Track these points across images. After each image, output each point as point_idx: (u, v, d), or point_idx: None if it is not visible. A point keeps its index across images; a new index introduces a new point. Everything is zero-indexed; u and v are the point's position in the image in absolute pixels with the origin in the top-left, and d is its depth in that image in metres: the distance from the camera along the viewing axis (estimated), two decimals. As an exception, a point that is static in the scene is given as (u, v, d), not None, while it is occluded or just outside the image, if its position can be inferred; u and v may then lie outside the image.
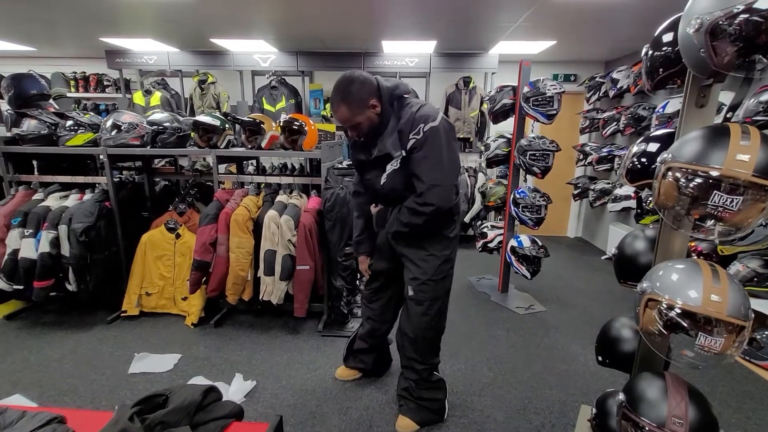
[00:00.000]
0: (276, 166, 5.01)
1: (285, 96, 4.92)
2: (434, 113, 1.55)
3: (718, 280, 1.10)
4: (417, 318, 1.76)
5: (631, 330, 1.72)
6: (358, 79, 1.53)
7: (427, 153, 1.51)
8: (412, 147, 1.53)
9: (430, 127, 1.50)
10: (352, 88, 1.52)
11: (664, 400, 1.25)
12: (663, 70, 1.43)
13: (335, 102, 1.56)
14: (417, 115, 1.54)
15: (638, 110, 3.79)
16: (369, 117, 1.56)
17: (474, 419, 1.94)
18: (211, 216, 2.61)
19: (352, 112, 1.54)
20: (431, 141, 1.50)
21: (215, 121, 2.81)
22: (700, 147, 1.07)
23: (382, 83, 1.58)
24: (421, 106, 1.57)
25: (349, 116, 1.55)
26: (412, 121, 1.53)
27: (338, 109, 1.55)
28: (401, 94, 1.61)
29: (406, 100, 1.62)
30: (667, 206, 1.15)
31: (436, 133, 1.51)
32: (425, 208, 1.56)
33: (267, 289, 2.62)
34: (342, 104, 1.54)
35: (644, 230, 1.63)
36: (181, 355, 2.42)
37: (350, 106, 1.53)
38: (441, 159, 1.53)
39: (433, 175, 1.53)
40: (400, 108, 1.59)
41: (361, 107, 1.53)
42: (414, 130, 1.52)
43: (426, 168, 1.53)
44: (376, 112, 1.56)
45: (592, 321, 3.03)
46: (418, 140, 1.51)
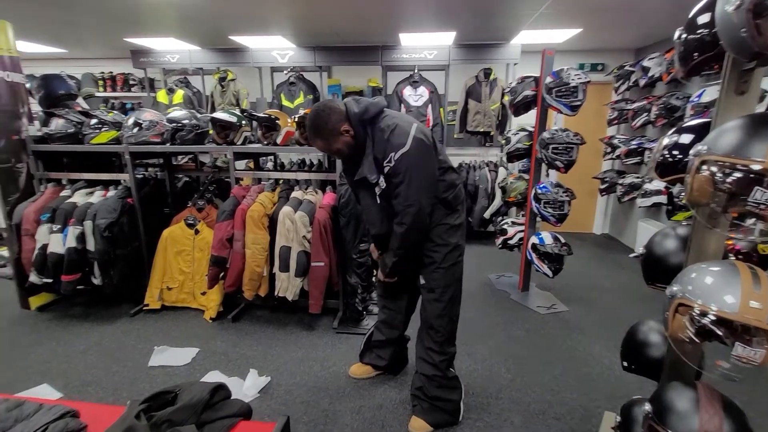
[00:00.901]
0: (294, 162, 5.04)
1: (303, 92, 4.92)
2: (403, 136, 1.57)
3: (758, 284, 1.00)
4: (430, 305, 1.80)
5: (659, 334, 1.63)
6: (325, 111, 1.61)
7: (402, 179, 1.58)
8: (387, 173, 1.61)
9: (401, 155, 1.56)
10: (320, 120, 1.61)
11: (696, 412, 1.15)
12: (698, 54, 1.32)
13: (310, 137, 1.67)
14: (388, 143, 1.59)
15: (671, 100, 3.57)
16: (345, 141, 1.64)
17: (490, 422, 1.88)
18: (228, 212, 2.64)
19: (326, 141, 1.64)
20: (403, 167, 1.57)
21: (232, 118, 2.82)
22: (740, 138, 0.97)
23: (351, 109, 1.63)
24: (392, 130, 1.59)
25: (326, 146, 1.66)
26: (384, 149, 1.59)
27: (315, 142, 1.67)
28: (371, 117, 1.64)
29: (377, 122, 1.64)
30: (700, 203, 1.05)
31: (407, 159, 1.56)
32: (402, 227, 1.66)
33: (282, 286, 2.62)
34: (316, 138, 1.64)
35: (676, 228, 1.52)
36: (199, 349, 2.46)
37: (323, 137, 1.63)
38: (412, 183, 1.58)
39: (406, 198, 1.60)
40: (372, 131, 1.65)
41: (334, 135, 1.62)
42: (386, 158, 1.58)
43: (401, 192, 1.61)
44: (350, 135, 1.63)
45: (617, 322, 2.89)
46: (391, 167, 1.59)
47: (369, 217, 1.84)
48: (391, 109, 1.71)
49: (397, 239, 1.71)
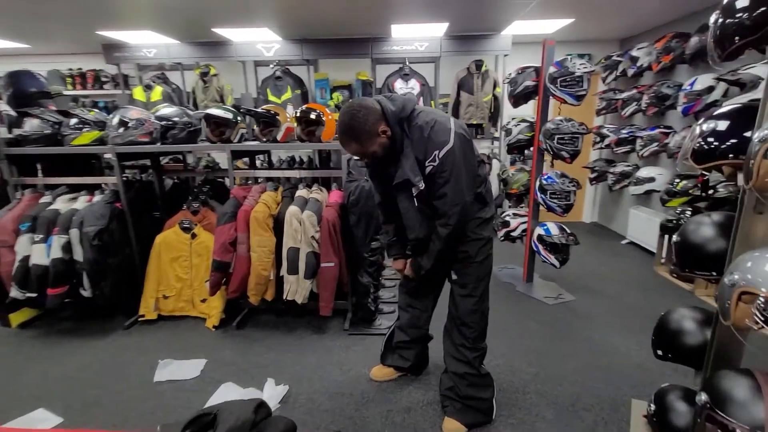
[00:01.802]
0: (284, 159, 4.88)
1: (290, 86, 4.76)
2: (446, 133, 1.50)
3: (829, 270, 0.99)
4: (462, 300, 1.75)
5: (694, 321, 1.62)
6: (361, 111, 1.49)
7: (448, 177, 1.51)
8: (430, 173, 1.52)
9: (445, 153, 1.48)
10: (356, 122, 1.49)
11: (759, 400, 1.14)
12: (740, 38, 1.30)
13: (344, 140, 1.54)
14: (430, 141, 1.50)
15: (662, 88, 3.64)
16: (381, 143, 1.53)
17: (522, 418, 1.85)
18: (229, 214, 2.49)
19: (363, 145, 1.52)
20: (448, 166, 1.50)
21: (228, 114, 2.67)
22: (813, 121, 0.95)
23: (387, 107, 1.52)
24: (432, 127, 1.51)
25: (362, 150, 1.53)
26: (426, 147, 1.51)
27: (349, 146, 1.53)
28: (408, 114, 1.55)
29: (413, 119, 1.55)
30: (765, 189, 1.03)
31: (451, 157, 1.49)
32: (448, 228, 1.59)
33: (291, 289, 2.51)
34: (351, 141, 1.52)
35: (710, 215, 1.51)
36: (206, 360, 2.32)
37: (360, 140, 1.51)
38: (459, 180, 1.52)
39: (453, 198, 1.54)
40: (409, 128, 1.55)
41: (372, 137, 1.51)
42: (429, 157, 1.50)
43: (447, 191, 1.53)
44: (387, 136, 1.53)
45: (624, 309, 2.94)
46: (435, 167, 1.50)
47: (408, 222, 1.68)
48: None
49: (441, 241, 1.62)
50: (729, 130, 1.36)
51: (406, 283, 1.96)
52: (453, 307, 1.81)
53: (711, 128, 1.40)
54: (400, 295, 2.05)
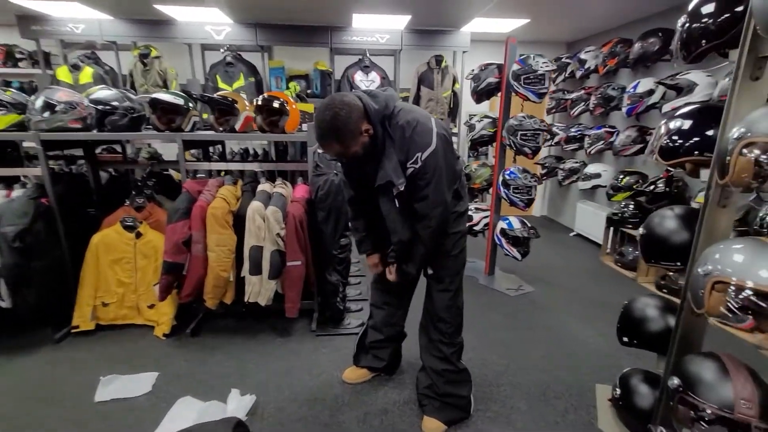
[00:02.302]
0: (236, 152, 4.58)
1: (243, 73, 4.46)
2: (428, 134, 1.44)
3: (793, 259, 1.07)
4: (438, 295, 1.73)
5: (656, 309, 1.72)
6: (344, 109, 1.38)
7: (428, 180, 1.46)
8: (411, 174, 1.47)
9: (427, 156, 1.43)
10: (339, 121, 1.38)
11: (727, 381, 1.22)
12: (707, 41, 1.38)
13: (325, 141, 1.43)
14: (412, 142, 1.44)
15: (608, 90, 3.89)
16: (363, 143, 1.45)
17: (499, 411, 1.87)
18: (183, 211, 2.26)
19: (345, 145, 1.42)
20: (430, 168, 1.45)
21: (178, 100, 2.41)
22: (784, 120, 1.01)
23: (370, 105, 1.44)
24: (414, 128, 1.44)
25: (344, 150, 1.44)
26: (408, 148, 1.45)
27: (330, 147, 1.44)
28: (390, 112, 1.48)
29: (395, 118, 1.48)
30: (742, 183, 1.09)
31: (433, 159, 1.44)
32: (429, 230, 1.55)
33: (253, 290, 2.34)
34: (334, 142, 1.41)
35: (673, 209, 1.60)
36: (158, 373, 2.09)
37: (343, 141, 1.41)
38: (440, 182, 1.48)
39: (433, 200, 1.49)
40: (390, 127, 1.48)
41: (355, 137, 1.42)
42: (411, 159, 1.45)
43: (428, 193, 1.49)
44: (369, 134, 1.45)
45: (579, 298, 3.11)
46: (417, 169, 1.45)
47: (392, 225, 1.62)
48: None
49: (425, 243, 1.58)
50: (693, 128, 1.44)
51: (380, 280, 1.89)
52: (429, 302, 1.78)
53: (677, 127, 1.48)
54: (374, 291, 1.98)
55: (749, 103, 1.23)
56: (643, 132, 3.54)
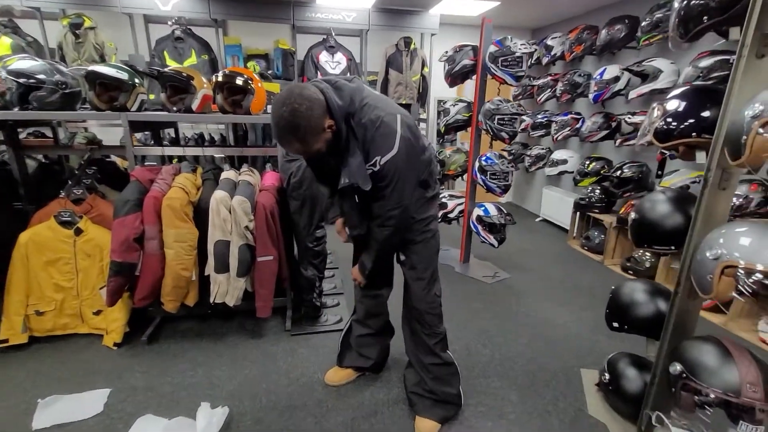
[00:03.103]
0: (189, 137, 4.18)
1: (195, 50, 4.05)
2: (391, 137, 1.32)
3: (805, 241, 1.05)
4: (414, 284, 1.64)
5: (644, 293, 1.71)
6: (304, 104, 1.21)
7: (388, 183, 1.36)
8: (370, 175, 1.37)
9: (387, 161, 1.32)
10: (299, 119, 1.21)
11: (731, 365, 1.21)
12: (708, 18, 1.33)
13: (285, 139, 1.27)
14: (373, 144, 1.32)
15: (574, 77, 3.94)
16: (326, 139, 1.32)
17: (490, 405, 1.81)
18: (133, 203, 1.96)
19: (307, 143, 1.28)
20: (389, 173, 1.34)
21: (121, 74, 2.08)
22: (806, 97, 0.98)
23: (333, 100, 1.28)
24: (377, 127, 1.31)
25: (305, 148, 1.30)
26: (369, 149, 1.34)
27: (289, 145, 1.29)
28: (356, 109, 1.34)
29: (360, 115, 1.34)
30: (759, 163, 1.05)
31: (393, 164, 1.33)
32: (386, 230, 1.45)
33: (220, 290, 2.10)
34: (294, 141, 1.27)
35: (665, 193, 1.59)
36: (110, 389, 1.82)
37: (304, 139, 1.26)
38: (400, 186, 1.37)
39: (390, 203, 1.39)
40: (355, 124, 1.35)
41: (317, 134, 1.28)
42: (370, 161, 1.34)
43: (386, 195, 1.38)
44: (332, 130, 1.32)
45: (552, 282, 3.15)
46: (376, 172, 1.34)
47: (350, 218, 1.59)
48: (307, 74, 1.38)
49: (379, 243, 1.49)
50: (690, 110, 1.41)
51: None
52: (407, 293, 1.70)
53: (672, 109, 1.44)
54: (355, 286, 1.83)
55: (754, 81, 1.20)
56: (609, 118, 3.62)
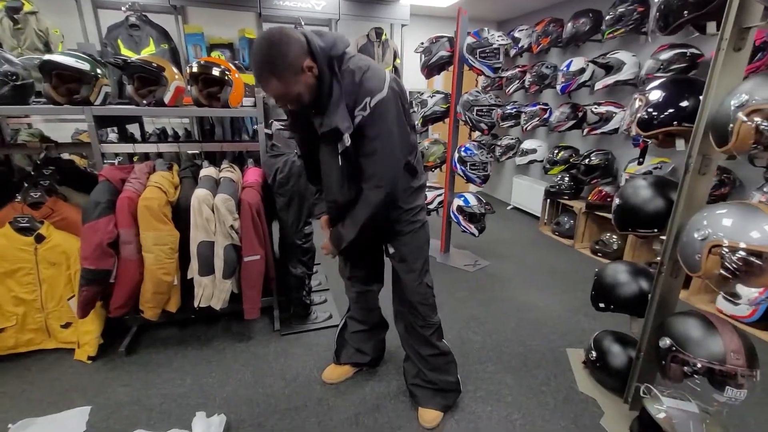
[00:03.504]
0: (150, 132, 3.92)
1: (153, 39, 3.77)
2: (380, 80, 1.29)
3: (782, 220, 1.15)
4: (405, 277, 1.59)
5: (627, 274, 1.81)
6: (281, 39, 1.18)
7: (378, 131, 1.29)
8: (359, 124, 1.30)
9: (377, 102, 1.27)
10: (274, 51, 1.17)
11: (716, 336, 1.31)
12: (688, 13, 1.41)
13: (261, 76, 1.21)
14: (361, 87, 1.28)
15: (542, 69, 4.07)
16: (307, 83, 1.25)
17: (488, 389, 1.87)
18: (104, 205, 1.81)
19: (285, 82, 1.21)
20: (380, 117, 1.28)
21: (82, 64, 1.90)
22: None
23: (314, 41, 1.24)
24: (364, 72, 1.29)
25: (284, 89, 1.22)
26: (357, 93, 1.28)
27: (268, 83, 1.22)
28: (339, 54, 1.30)
29: (345, 62, 1.31)
30: (744, 149, 1.13)
31: (383, 107, 1.28)
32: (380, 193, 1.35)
33: (205, 293, 2.00)
34: (271, 77, 1.20)
35: (645, 179, 1.68)
36: (90, 406, 1.69)
37: (281, 76, 1.20)
38: (392, 136, 1.32)
39: (382, 155, 1.32)
40: (340, 71, 1.31)
41: (295, 73, 1.21)
42: (360, 105, 1.28)
43: (377, 148, 1.31)
44: (313, 74, 1.25)
45: (529, 267, 3.28)
46: (365, 117, 1.28)
47: (328, 181, 1.48)
48: None
49: (370, 208, 1.38)
50: (670, 100, 1.50)
51: (343, 262, 1.75)
52: (398, 288, 1.65)
53: (655, 99, 1.52)
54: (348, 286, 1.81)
55: (732, 73, 1.29)
56: (575, 109, 3.78)
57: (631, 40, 3.35)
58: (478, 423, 1.67)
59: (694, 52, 2.69)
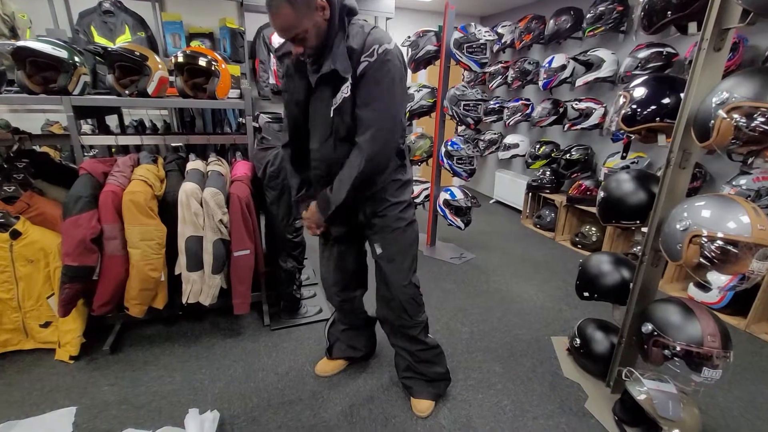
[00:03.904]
0: (127, 124, 3.78)
1: (129, 26, 3.62)
2: (388, 37, 1.31)
3: (758, 213, 1.23)
4: (392, 276, 1.55)
5: (610, 264, 1.89)
6: None
7: (380, 79, 1.27)
8: (363, 70, 1.27)
9: (384, 49, 1.26)
10: None
11: (694, 320, 1.39)
12: (672, 12, 1.47)
13: (275, 3, 1.18)
14: (370, 36, 1.28)
15: (524, 65, 4.15)
16: (317, 23, 1.24)
17: (479, 378, 1.91)
18: (86, 199, 1.74)
19: (297, 13, 1.19)
20: (385, 65, 1.26)
21: (59, 52, 1.81)
22: (762, 86, 1.12)
23: None
24: (373, 27, 1.32)
25: (295, 20, 1.20)
26: (364, 42, 1.27)
27: (280, 10, 1.19)
28: (350, 9, 1.31)
29: (353, 20, 1.33)
30: (724, 145, 1.20)
31: (390, 57, 1.27)
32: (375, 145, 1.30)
33: (193, 289, 1.97)
34: (285, 3, 1.18)
35: (628, 173, 1.75)
36: (76, 407, 1.64)
37: (295, 6, 1.19)
38: (393, 91, 1.29)
39: (381, 107, 1.29)
40: (349, 24, 1.31)
41: (309, 8, 1.21)
42: (366, 52, 1.26)
43: (376, 96, 1.28)
44: (324, 17, 1.25)
45: (513, 259, 3.36)
46: (371, 63, 1.26)
47: (315, 130, 1.43)
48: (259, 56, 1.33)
49: (362, 162, 1.30)
50: (653, 97, 1.56)
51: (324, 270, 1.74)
52: (383, 288, 1.60)
53: (639, 96, 1.58)
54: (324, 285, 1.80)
55: (712, 72, 1.36)
56: (557, 104, 3.88)
57: (610, 38, 3.46)
58: (469, 410, 1.72)
59: (670, 51, 2.81)
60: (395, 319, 1.63)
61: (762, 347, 2.23)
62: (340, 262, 1.70)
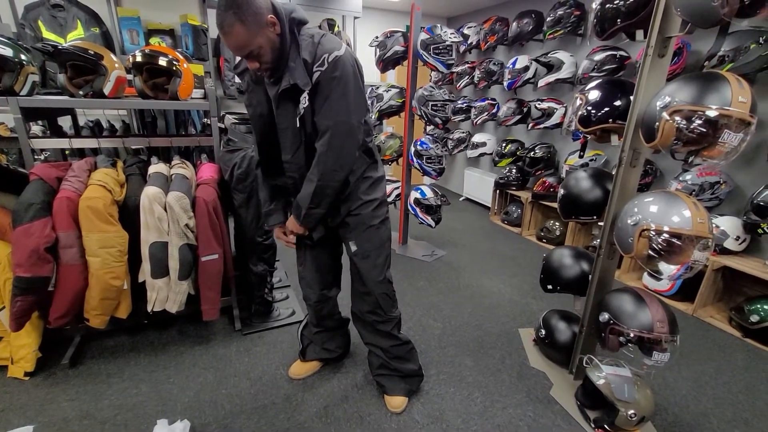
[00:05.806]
0: (83, 125, 3.59)
1: (82, 22, 3.43)
2: (337, 43, 1.34)
3: (698, 207, 1.33)
4: (367, 273, 1.59)
5: (570, 258, 1.99)
6: None
7: (334, 86, 1.30)
8: (317, 80, 1.30)
9: (334, 57, 1.29)
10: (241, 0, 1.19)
11: (645, 308, 1.50)
12: (621, 20, 1.56)
13: (226, 20, 1.18)
14: (320, 46, 1.31)
15: (490, 65, 4.26)
16: (270, 39, 1.25)
17: (450, 372, 1.97)
18: (38, 206, 1.65)
19: (249, 31, 1.20)
20: (338, 72, 1.29)
21: (3, 49, 1.70)
22: (699, 91, 1.22)
23: (277, 3, 1.28)
24: (322, 36, 1.34)
25: (248, 38, 1.21)
26: (315, 54, 1.30)
27: (232, 29, 1.19)
28: (299, 20, 1.34)
29: (303, 30, 1.35)
30: (668, 145, 1.29)
31: (341, 64, 1.30)
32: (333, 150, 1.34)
33: (159, 296, 1.91)
34: (236, 22, 1.18)
35: (585, 171, 1.85)
36: (33, 425, 1.56)
37: (247, 24, 1.19)
38: (347, 94, 1.33)
39: (337, 111, 1.32)
40: (299, 34, 1.33)
41: (260, 25, 1.22)
42: (318, 61, 1.29)
43: (332, 104, 1.32)
44: (276, 32, 1.26)
45: (482, 255, 3.46)
46: (323, 72, 1.29)
47: (284, 142, 1.45)
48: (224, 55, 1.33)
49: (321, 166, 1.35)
50: (606, 100, 1.65)
51: (302, 270, 1.74)
52: (359, 283, 1.63)
53: (593, 98, 1.67)
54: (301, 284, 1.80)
55: (656, 76, 1.46)
56: (521, 104, 4.01)
57: (569, 41, 3.61)
58: (442, 404, 1.77)
59: (623, 54, 2.98)
60: (370, 314, 1.65)
61: (707, 330, 2.42)
62: (319, 263, 1.71)
